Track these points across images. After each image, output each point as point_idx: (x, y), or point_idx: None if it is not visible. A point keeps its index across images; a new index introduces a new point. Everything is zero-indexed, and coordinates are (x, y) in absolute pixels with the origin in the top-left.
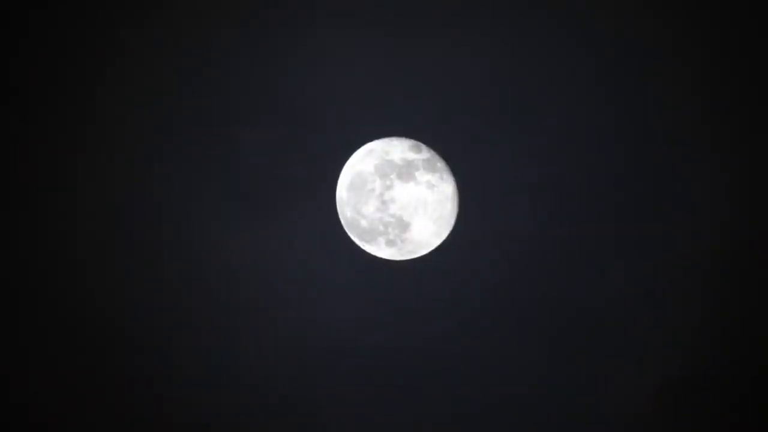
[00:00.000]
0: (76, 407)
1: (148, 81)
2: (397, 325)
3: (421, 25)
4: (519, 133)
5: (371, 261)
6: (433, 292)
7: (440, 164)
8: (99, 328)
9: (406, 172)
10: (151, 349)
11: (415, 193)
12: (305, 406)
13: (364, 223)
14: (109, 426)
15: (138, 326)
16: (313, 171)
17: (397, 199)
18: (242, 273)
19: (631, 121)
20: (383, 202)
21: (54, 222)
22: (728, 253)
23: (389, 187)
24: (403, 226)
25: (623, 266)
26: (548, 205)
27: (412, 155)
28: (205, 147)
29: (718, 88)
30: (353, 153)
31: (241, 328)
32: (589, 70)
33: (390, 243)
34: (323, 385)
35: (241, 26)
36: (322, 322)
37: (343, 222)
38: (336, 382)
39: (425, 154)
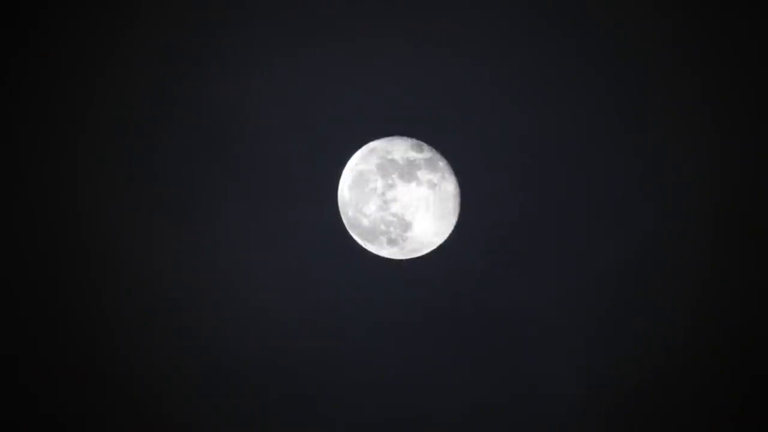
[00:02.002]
0: (74, 408)
1: (147, 80)
2: (399, 324)
3: (423, 23)
4: (520, 133)
5: (373, 260)
6: (434, 291)
7: (442, 163)
8: (99, 329)
9: (407, 171)
10: (152, 350)
11: (416, 192)
12: (306, 405)
13: (365, 222)
14: (106, 426)
15: (138, 327)
16: (315, 170)
17: (398, 199)
18: (243, 272)
19: (633, 121)
20: (385, 202)
21: (53, 221)
22: (724, 254)
23: (391, 187)
24: (405, 225)
25: (626, 265)
26: (550, 204)
27: (413, 154)
28: (207, 146)
29: (719, 88)
30: (355, 152)
31: (241, 327)
32: (591, 70)
33: (392, 242)
34: (324, 385)
35: (242, 26)
36: (324, 321)
37: (344, 221)
38: (337, 381)
39: (427, 153)
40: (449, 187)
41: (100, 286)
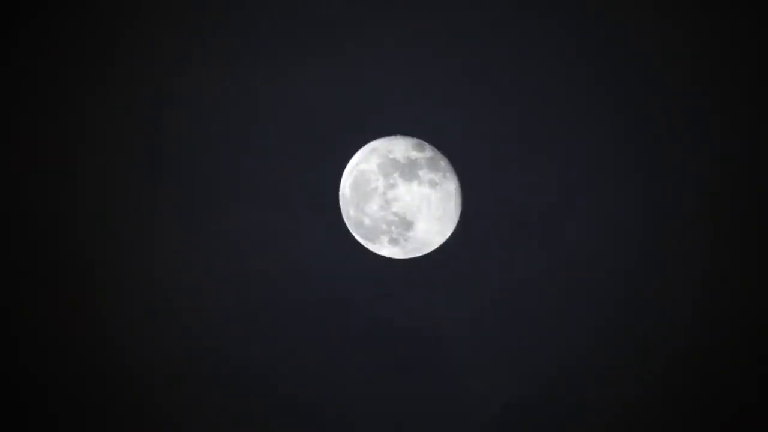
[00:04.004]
0: (74, 408)
1: (147, 80)
2: (400, 324)
3: (424, 23)
4: (521, 132)
5: (374, 259)
6: (436, 291)
7: (443, 162)
8: (99, 329)
9: (409, 170)
10: (152, 351)
11: (418, 191)
12: (306, 405)
13: (367, 221)
14: (107, 426)
15: (138, 328)
16: (317, 170)
17: (400, 198)
18: (244, 272)
19: (633, 121)
20: (386, 201)
21: (53, 221)
22: (724, 254)
23: (392, 186)
24: (407, 224)
25: (625, 265)
26: (550, 204)
27: (415, 154)
28: (207, 146)
29: (719, 88)
30: (356, 152)
31: (242, 327)
32: (592, 71)
33: (393, 241)
34: (324, 385)
35: (243, 26)
36: (325, 320)
37: (346, 221)
38: (337, 381)
39: (428, 152)
40: (450, 186)
41: (100, 286)
